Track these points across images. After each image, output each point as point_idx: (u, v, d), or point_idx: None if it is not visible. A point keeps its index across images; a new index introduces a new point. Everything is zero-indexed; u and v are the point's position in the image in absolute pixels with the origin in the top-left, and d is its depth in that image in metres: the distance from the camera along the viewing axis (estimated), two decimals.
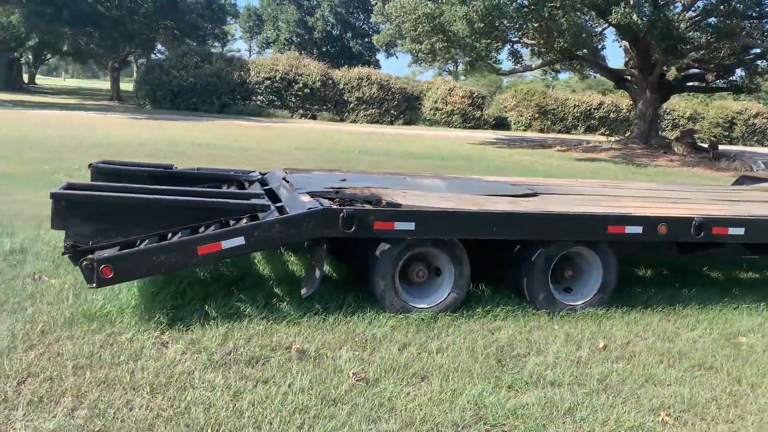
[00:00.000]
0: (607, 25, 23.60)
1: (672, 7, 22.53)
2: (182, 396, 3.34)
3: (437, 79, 46.47)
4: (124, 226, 4.32)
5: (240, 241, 4.26)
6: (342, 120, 39.42)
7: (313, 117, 38.84)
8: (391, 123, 40.49)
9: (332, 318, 4.56)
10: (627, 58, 27.30)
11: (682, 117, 45.42)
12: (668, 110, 44.53)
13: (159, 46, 43.66)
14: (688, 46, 21.93)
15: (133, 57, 48.32)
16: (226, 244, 4.24)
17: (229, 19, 51.21)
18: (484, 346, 4.32)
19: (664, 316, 5.22)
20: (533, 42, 26.60)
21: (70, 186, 4.56)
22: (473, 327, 4.69)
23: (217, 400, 3.33)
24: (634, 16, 18.31)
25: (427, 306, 4.85)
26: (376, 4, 26.18)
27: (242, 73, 37.79)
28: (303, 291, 4.66)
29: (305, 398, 3.40)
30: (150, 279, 4.95)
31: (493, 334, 4.60)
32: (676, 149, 24.87)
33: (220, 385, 3.48)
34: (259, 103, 38.02)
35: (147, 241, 4.27)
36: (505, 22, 24.91)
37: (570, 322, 4.93)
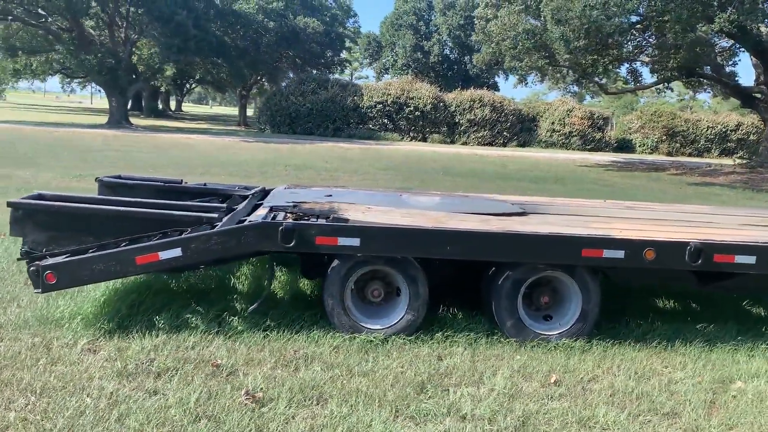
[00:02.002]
0: (723, 37, 21.73)
1: None
2: (64, 401, 3.40)
3: (556, 100, 45.03)
4: (75, 234, 4.52)
5: (177, 252, 4.30)
6: (452, 142, 39.29)
7: (424, 139, 39.04)
8: (504, 145, 39.79)
9: (273, 335, 4.48)
10: (757, 73, 25.01)
11: None
12: None
13: (284, 74, 45.91)
14: None
15: (258, 85, 51.15)
16: (164, 254, 4.30)
17: (348, 46, 53.04)
18: (416, 373, 4.04)
19: (654, 352, 4.63)
20: (648, 59, 25.14)
21: (39, 196, 4.85)
22: (420, 352, 4.41)
23: (92, 407, 3.34)
24: (748, 21, 16.58)
25: (380, 327, 4.63)
26: (476, 23, 25.93)
27: (356, 98, 38.82)
28: (252, 306, 4.63)
29: (179, 412, 3.34)
30: (119, 286, 5.16)
31: (440, 360, 4.31)
32: None
33: (107, 394, 3.50)
34: (371, 126, 38.85)
35: (94, 250, 4.43)
36: (617, 38, 23.79)
37: (539, 352, 4.51)
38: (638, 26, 24.78)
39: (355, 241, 4.42)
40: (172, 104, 71.26)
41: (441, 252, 4.49)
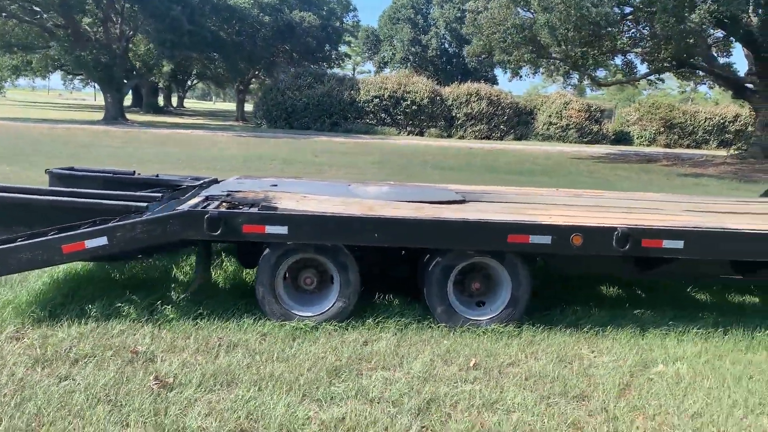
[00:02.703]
0: (715, 27, 21.60)
1: None
2: None
3: (553, 93, 44.90)
4: (5, 224, 4.56)
5: (103, 240, 4.33)
6: (450, 136, 39.25)
7: (421, 134, 39.00)
8: (501, 138, 39.73)
9: (203, 323, 4.51)
10: (749, 64, 24.86)
11: None
12: None
13: (280, 69, 45.87)
14: None
15: (259, 80, 51.15)
16: (90, 243, 4.33)
17: (348, 40, 53.01)
18: (336, 358, 4.07)
19: (585, 338, 4.64)
20: (639, 51, 25.03)
21: None
22: (348, 338, 4.44)
23: None
24: (729, 11, 16.43)
25: (311, 314, 4.66)
26: (467, 15, 25.87)
27: (352, 92, 38.80)
28: (183, 295, 4.66)
29: (83, 397, 3.38)
30: (61, 275, 5.21)
31: (365, 345, 4.34)
32: None
33: (15, 380, 3.54)
34: (368, 121, 38.82)
35: (23, 239, 4.47)
36: (608, 28, 23.71)
37: (467, 337, 4.53)
38: (630, 17, 24.74)
39: (283, 230, 4.44)
40: (174, 101, 71.43)
41: (369, 239, 4.51)
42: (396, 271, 5.22)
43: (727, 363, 4.30)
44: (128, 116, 39.28)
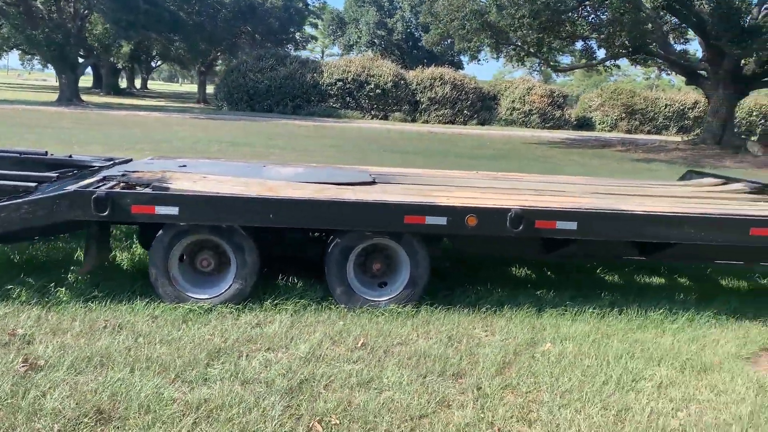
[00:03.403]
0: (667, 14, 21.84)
1: None
2: None
3: (517, 79, 45.14)
4: None
5: None
6: (414, 120, 39.21)
7: (385, 117, 38.88)
8: (465, 123, 39.82)
9: (95, 305, 4.44)
10: (702, 51, 25.25)
11: None
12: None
13: (242, 50, 45.25)
14: (761, 38, 19.77)
15: (224, 61, 50.38)
16: None
17: (314, 22, 52.42)
18: (222, 340, 4.04)
19: (481, 317, 4.68)
20: (595, 36, 25.22)
21: None
22: (242, 320, 4.40)
23: None
24: None
25: (207, 297, 4.61)
26: (425, 4, 25.78)
27: (315, 75, 38.44)
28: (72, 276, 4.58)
29: None
30: None
31: (257, 327, 4.31)
32: (751, 150, 22.68)
33: None
34: (332, 104, 38.55)
35: None
36: (561, 15, 23.86)
37: (364, 318, 4.53)
38: (588, 2, 24.87)
39: (174, 210, 4.37)
40: (139, 83, 70.07)
41: (264, 220, 4.46)
42: (307, 254, 5.19)
43: (615, 342, 4.37)
44: (86, 98, 38.46)
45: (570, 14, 24.62)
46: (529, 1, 18.59)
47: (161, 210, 4.37)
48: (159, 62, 69.04)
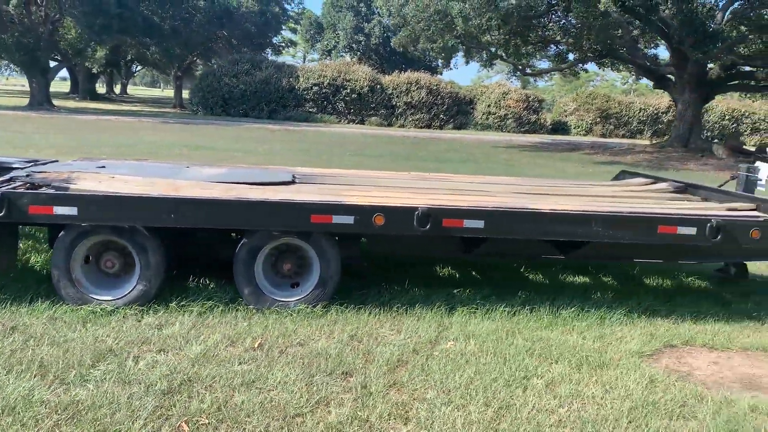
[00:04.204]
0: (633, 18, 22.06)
1: None
2: None
3: (492, 83, 45.34)
4: None
5: None
6: (390, 125, 39.25)
7: (362, 122, 38.91)
8: (441, 127, 39.92)
9: None
10: (670, 56, 25.53)
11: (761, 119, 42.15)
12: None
13: (218, 55, 45.09)
14: (723, 43, 20.02)
15: (202, 65, 50.16)
16: None
17: (292, 27, 52.33)
18: (115, 341, 3.98)
19: (391, 317, 4.65)
20: (563, 41, 25.43)
21: None
22: (144, 321, 4.35)
23: None
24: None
25: (111, 298, 4.55)
26: (394, 6, 25.85)
27: (291, 79, 38.38)
28: None
29: None
30: None
31: (157, 329, 4.25)
32: (716, 153, 22.95)
33: None
34: (308, 109, 38.49)
35: None
36: (541, 20, 24.07)
37: (271, 318, 4.48)
38: (556, 7, 25.06)
39: (73, 210, 4.32)
40: (119, 88, 69.60)
41: (165, 220, 4.41)
42: (220, 254, 5.13)
43: (519, 339, 4.36)
44: (60, 103, 38.15)
45: (540, 19, 24.82)
46: (492, 10, 18.66)
47: (60, 210, 4.31)
48: (138, 67, 68.65)
